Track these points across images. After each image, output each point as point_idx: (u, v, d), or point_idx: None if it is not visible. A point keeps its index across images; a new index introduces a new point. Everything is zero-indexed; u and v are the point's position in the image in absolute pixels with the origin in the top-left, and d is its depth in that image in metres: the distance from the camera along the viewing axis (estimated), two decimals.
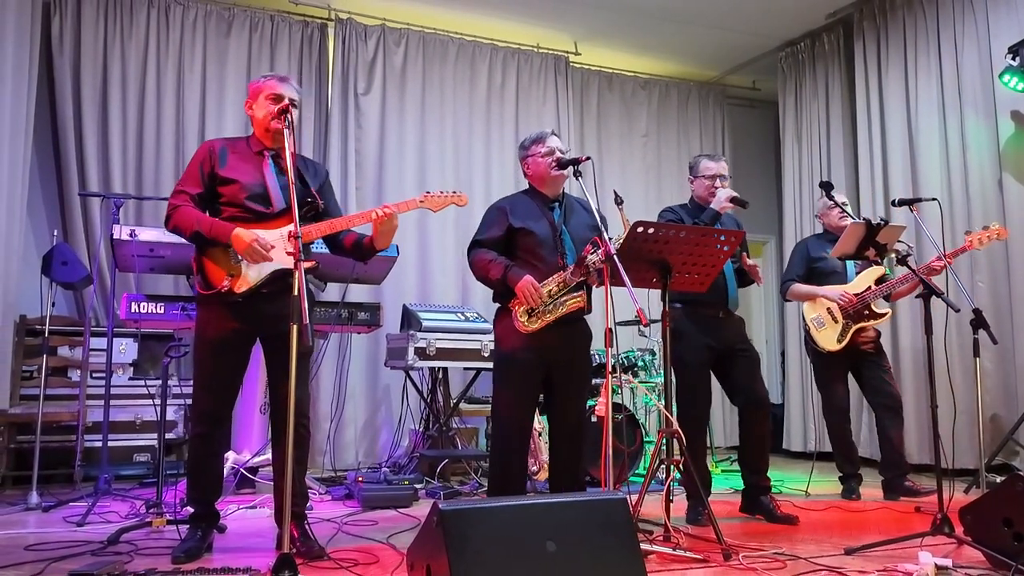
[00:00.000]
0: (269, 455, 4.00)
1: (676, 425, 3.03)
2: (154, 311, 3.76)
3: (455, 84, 6.26)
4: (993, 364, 4.98)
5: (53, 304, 4.13)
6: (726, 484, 4.73)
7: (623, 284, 2.77)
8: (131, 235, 3.64)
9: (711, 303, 3.65)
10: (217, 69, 5.70)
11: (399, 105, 6.06)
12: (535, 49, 6.56)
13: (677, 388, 3.75)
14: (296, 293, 2.48)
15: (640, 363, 5.07)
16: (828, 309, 4.41)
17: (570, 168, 3.18)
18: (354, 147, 5.89)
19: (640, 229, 2.93)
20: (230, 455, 4.03)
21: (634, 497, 3.03)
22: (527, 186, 3.39)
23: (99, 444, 4.81)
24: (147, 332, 4.71)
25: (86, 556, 2.85)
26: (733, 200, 3.54)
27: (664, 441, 3.13)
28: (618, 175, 6.87)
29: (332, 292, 5.52)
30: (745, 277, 3.75)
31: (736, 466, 5.38)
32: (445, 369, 4.98)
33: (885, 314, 4.44)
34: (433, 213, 3.11)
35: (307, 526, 2.96)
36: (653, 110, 7.11)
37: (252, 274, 2.83)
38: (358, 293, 5.44)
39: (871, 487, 4.54)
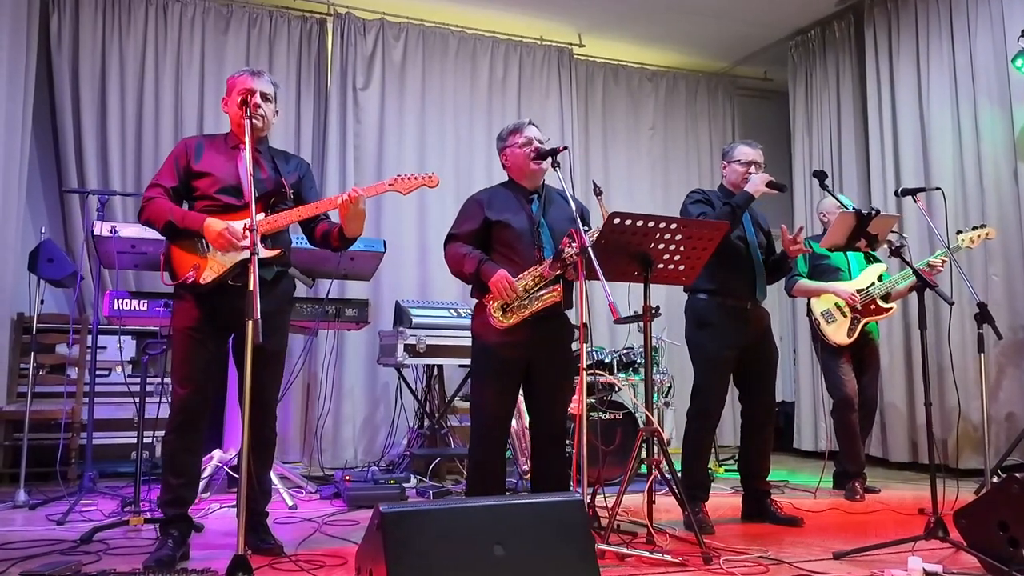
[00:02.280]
0: None
1: (656, 424, 2.91)
2: (137, 308, 3.73)
3: (456, 78, 6.18)
4: (1008, 359, 4.80)
5: (42, 301, 4.13)
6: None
7: (590, 277, 2.68)
8: (112, 231, 3.61)
9: (739, 293, 3.50)
10: (215, 66, 5.67)
11: (398, 100, 6.00)
12: (538, 42, 6.46)
13: (694, 380, 3.60)
14: (251, 287, 2.42)
15: (640, 360, 4.94)
16: (836, 304, 4.33)
17: (549, 159, 3.09)
18: (353, 142, 5.83)
19: (616, 220, 2.83)
20: (216, 453, 3.99)
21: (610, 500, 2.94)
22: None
23: (96, 442, 4.85)
24: (149, 330, 4.70)
25: (54, 555, 2.82)
26: (770, 184, 3.39)
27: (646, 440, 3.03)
28: (624, 169, 6.76)
29: (335, 289, 5.49)
30: (780, 271, 3.64)
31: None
32: (440, 366, 4.90)
33: (890, 308, 4.35)
34: (403, 196, 3.04)
35: (266, 523, 2.92)
36: (660, 102, 6.98)
37: (216, 265, 2.79)
38: (356, 289, 5.40)
39: (885, 489, 4.44)
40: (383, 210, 5.84)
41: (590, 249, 2.74)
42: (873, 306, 4.31)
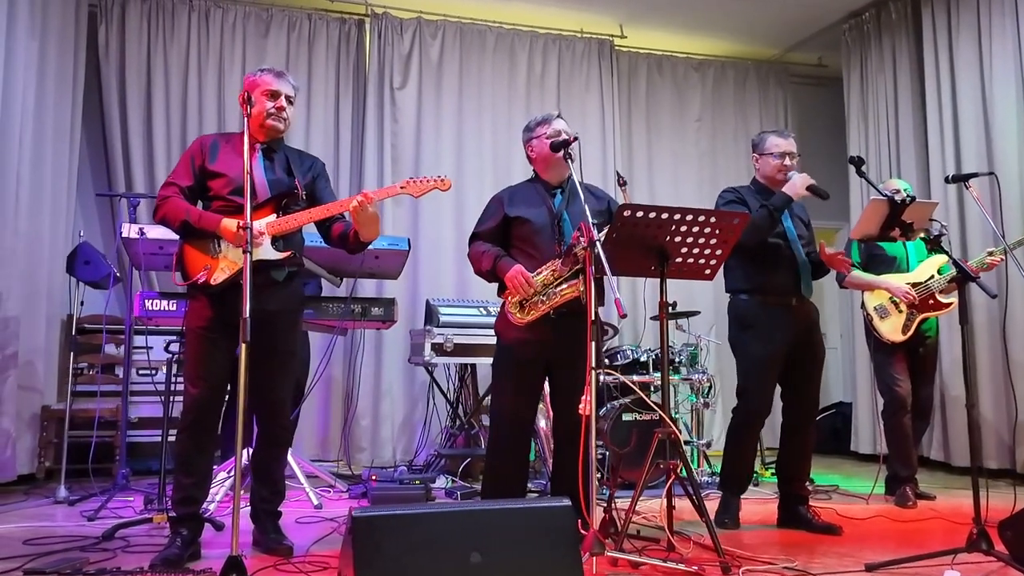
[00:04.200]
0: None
1: (672, 426, 2.78)
2: (167, 308, 3.77)
3: (493, 74, 6.12)
4: None
5: (82, 303, 4.24)
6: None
7: (606, 272, 2.57)
8: (140, 233, 3.67)
9: (782, 290, 3.36)
10: (255, 69, 5.73)
11: (436, 98, 5.97)
12: (578, 34, 6.34)
13: (739, 382, 3.47)
14: (244, 285, 2.40)
15: (679, 359, 4.78)
16: (891, 298, 4.08)
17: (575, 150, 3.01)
18: (390, 142, 5.83)
19: (627, 213, 2.71)
20: (247, 452, 4.02)
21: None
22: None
23: (144, 439, 4.97)
24: (181, 329, 4.78)
25: (74, 551, 2.87)
26: (811, 188, 3.24)
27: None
28: (669, 162, 6.58)
29: (368, 288, 5.50)
30: (822, 269, 3.45)
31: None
32: (473, 365, 4.84)
33: (951, 304, 4.07)
34: (414, 198, 3.00)
35: (278, 523, 2.91)
36: (707, 93, 6.76)
37: (228, 266, 2.79)
38: (392, 288, 5.39)
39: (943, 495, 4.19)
40: (421, 209, 5.82)
41: (599, 243, 2.63)
42: (931, 301, 4.05)
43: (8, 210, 4.35)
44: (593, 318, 2.62)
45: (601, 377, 4.50)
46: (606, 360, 4.67)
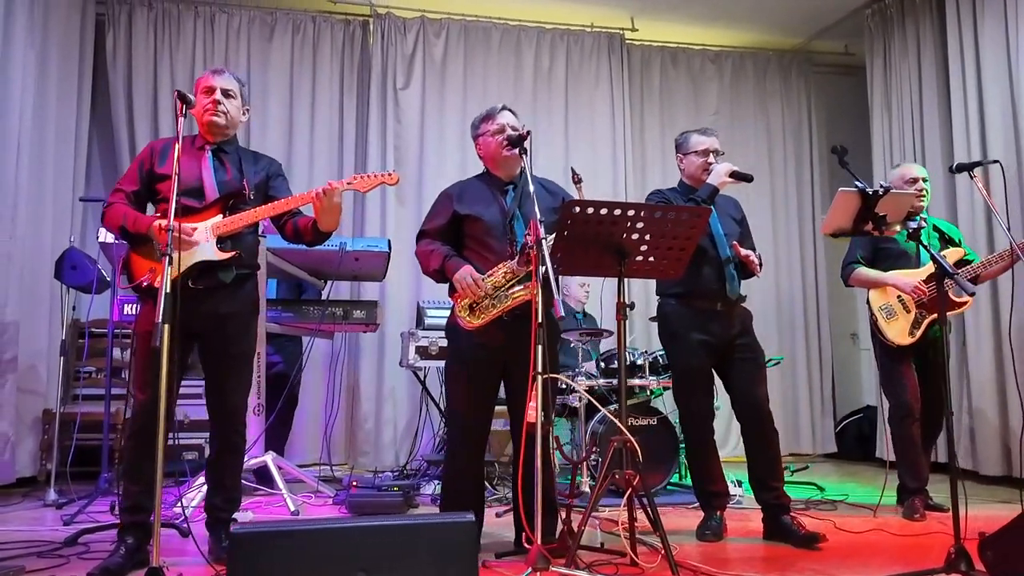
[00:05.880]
0: (265, 457, 3.94)
1: (628, 434, 2.63)
2: None
3: (499, 72, 6.02)
4: None
5: (74, 308, 4.28)
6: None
7: (567, 272, 2.45)
8: (116, 238, 3.67)
9: (706, 294, 3.28)
10: (260, 73, 5.75)
11: (439, 98, 5.89)
12: (587, 29, 6.19)
13: (674, 391, 3.48)
14: (166, 289, 2.34)
15: None
16: (899, 297, 3.81)
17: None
18: (393, 143, 5.78)
19: (576, 210, 2.57)
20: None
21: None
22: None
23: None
24: None
25: (30, 558, 2.85)
26: (734, 175, 3.18)
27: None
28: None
29: (371, 290, 5.44)
30: (747, 269, 3.30)
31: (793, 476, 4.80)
32: None
33: (964, 303, 3.79)
34: (362, 193, 2.92)
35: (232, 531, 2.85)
36: (725, 85, 6.52)
37: (171, 268, 2.74)
38: (394, 291, 5.34)
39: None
40: (425, 210, 5.72)
41: (546, 242, 2.50)
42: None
43: (4, 216, 4.41)
44: (540, 320, 2.49)
45: (600, 382, 4.36)
46: (602, 363, 4.52)
